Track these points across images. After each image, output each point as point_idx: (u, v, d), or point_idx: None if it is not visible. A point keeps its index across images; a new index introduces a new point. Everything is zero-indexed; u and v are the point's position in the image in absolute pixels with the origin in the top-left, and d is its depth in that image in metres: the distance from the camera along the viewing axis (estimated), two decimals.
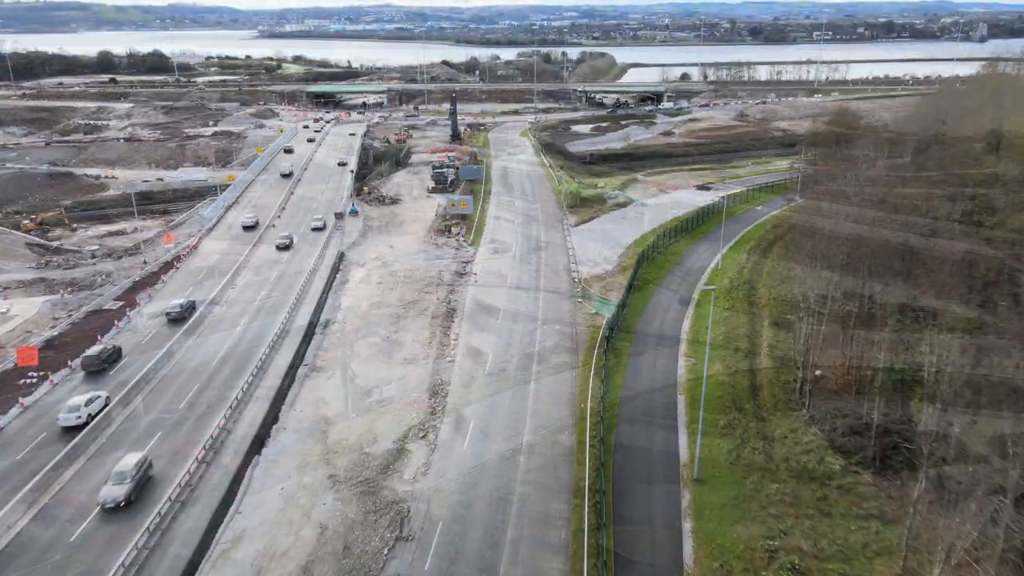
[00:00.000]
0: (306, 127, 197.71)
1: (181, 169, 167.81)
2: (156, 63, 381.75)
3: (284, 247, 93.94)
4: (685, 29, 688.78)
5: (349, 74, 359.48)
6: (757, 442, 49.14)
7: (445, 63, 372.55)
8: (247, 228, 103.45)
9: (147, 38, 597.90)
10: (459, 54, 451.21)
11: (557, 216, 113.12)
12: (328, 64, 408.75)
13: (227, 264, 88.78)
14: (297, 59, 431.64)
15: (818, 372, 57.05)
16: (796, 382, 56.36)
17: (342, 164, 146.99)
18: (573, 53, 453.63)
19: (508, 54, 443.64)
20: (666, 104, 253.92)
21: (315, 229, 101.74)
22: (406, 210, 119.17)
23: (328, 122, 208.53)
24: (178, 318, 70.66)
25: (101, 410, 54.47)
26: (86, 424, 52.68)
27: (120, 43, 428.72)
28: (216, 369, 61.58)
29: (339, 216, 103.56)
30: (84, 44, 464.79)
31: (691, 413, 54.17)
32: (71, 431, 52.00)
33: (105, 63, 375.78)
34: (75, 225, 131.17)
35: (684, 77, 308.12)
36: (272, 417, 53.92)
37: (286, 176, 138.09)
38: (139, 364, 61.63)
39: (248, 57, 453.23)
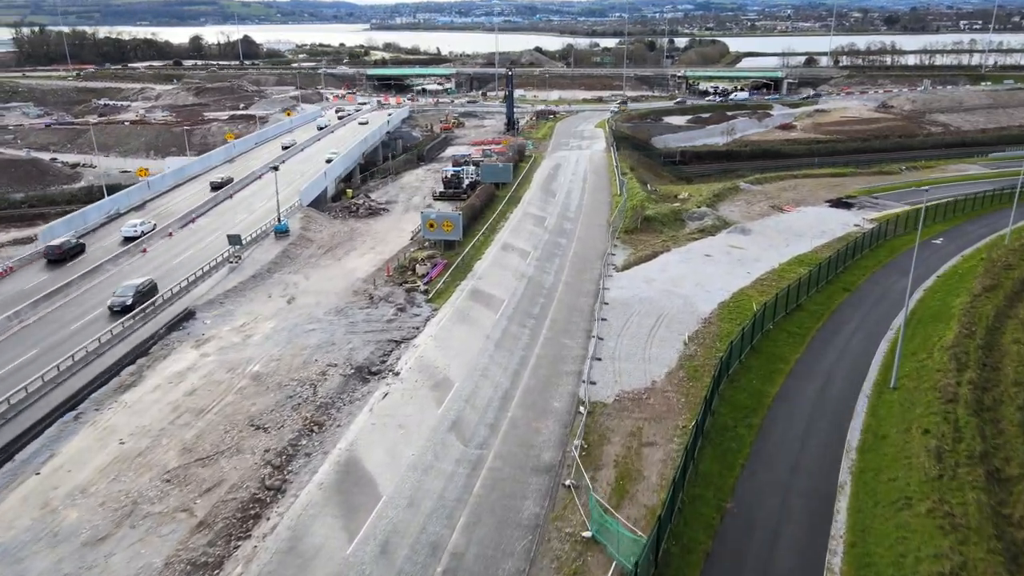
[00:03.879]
0: (344, 111, 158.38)
1: (170, 158, 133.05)
2: (245, 50, 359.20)
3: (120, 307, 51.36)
4: (810, 19, 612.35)
5: (435, 60, 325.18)
6: None
7: (537, 49, 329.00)
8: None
9: (262, 30, 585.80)
10: (559, 43, 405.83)
11: (602, 248, 67.90)
12: (417, 51, 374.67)
13: None
14: (387, 46, 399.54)
15: None
16: None
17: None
18: (682, 42, 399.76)
19: (611, 43, 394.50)
20: (739, 94, 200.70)
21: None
22: (377, 228, 76.90)
23: (362, 107, 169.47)
24: None
25: (152, 230, 67.96)
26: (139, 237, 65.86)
27: (239, 35, 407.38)
28: None
29: (235, 241, 62.03)
30: (195, 35, 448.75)
31: None
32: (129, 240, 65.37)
33: (196, 49, 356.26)
34: None
35: (810, 62, 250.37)
36: None
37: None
38: None
39: (341, 45, 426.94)
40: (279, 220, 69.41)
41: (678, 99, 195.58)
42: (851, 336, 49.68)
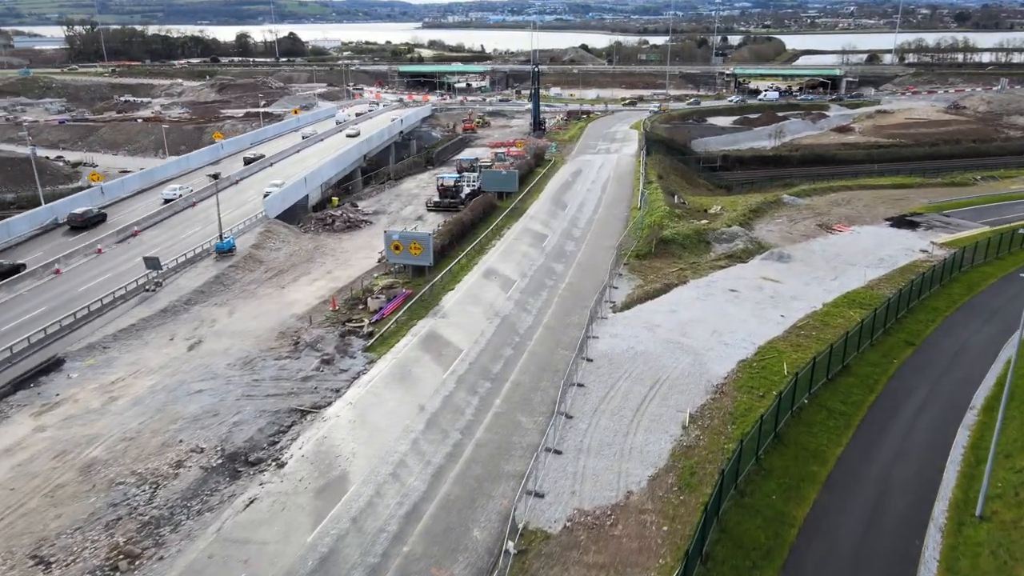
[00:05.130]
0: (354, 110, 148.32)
1: (171, 158, 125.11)
2: (292, 47, 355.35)
3: None
4: (874, 16, 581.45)
5: (477, 58, 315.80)
6: None
7: (583, 47, 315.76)
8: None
9: (314, 28, 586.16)
10: (608, 41, 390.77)
11: (604, 278, 55.16)
12: (461, 48, 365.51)
13: None
14: (432, 44, 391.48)
15: None
16: None
17: None
18: (736, 40, 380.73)
19: (661, 41, 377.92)
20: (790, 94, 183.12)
21: None
22: (347, 245, 65.64)
23: (390, 104, 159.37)
24: None
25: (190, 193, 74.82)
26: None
27: (285, 32, 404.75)
28: None
29: (152, 265, 51.34)
30: (241, 32, 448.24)
31: None
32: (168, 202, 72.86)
33: (242, 47, 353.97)
34: None
35: (872, 60, 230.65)
36: None
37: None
38: None
39: (388, 43, 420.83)
40: (221, 237, 58.61)
41: (691, 99, 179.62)
42: (916, 418, 36.22)
